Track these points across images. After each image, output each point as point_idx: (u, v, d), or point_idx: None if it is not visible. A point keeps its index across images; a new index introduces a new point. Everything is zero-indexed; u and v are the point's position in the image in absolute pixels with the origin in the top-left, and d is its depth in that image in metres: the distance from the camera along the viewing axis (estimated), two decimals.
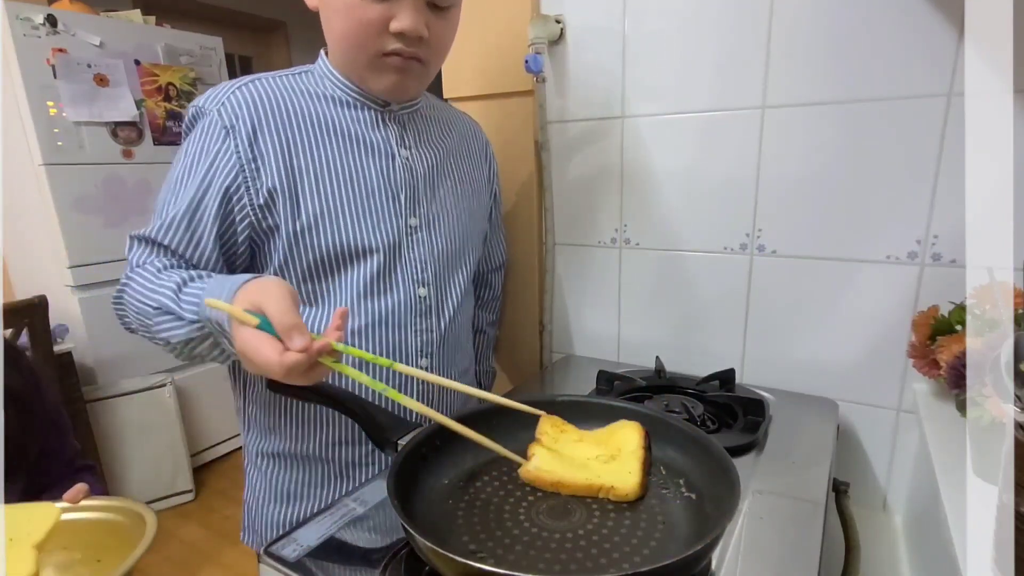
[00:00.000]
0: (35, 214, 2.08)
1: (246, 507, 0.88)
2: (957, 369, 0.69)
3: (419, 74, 0.74)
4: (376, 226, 0.75)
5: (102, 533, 0.61)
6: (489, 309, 1.09)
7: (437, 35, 0.71)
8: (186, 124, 0.74)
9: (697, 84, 0.94)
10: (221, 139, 0.69)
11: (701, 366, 0.99)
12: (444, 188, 0.83)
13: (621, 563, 0.51)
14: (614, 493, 0.60)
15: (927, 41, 0.77)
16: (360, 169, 0.74)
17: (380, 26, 0.67)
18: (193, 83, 2.40)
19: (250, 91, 0.71)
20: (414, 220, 0.78)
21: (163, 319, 0.63)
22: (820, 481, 0.70)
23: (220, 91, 0.71)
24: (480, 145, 0.94)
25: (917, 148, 0.81)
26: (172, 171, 0.72)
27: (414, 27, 0.67)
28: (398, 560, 0.57)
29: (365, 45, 0.69)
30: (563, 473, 0.62)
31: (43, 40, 1.96)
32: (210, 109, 0.70)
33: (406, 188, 0.77)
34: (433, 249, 0.80)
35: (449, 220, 0.83)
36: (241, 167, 0.69)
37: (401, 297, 0.77)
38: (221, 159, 0.69)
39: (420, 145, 0.81)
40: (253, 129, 0.69)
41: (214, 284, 0.61)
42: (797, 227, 0.91)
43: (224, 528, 2.20)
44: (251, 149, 0.69)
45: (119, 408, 2.17)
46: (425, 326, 0.80)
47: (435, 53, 0.74)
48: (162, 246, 0.69)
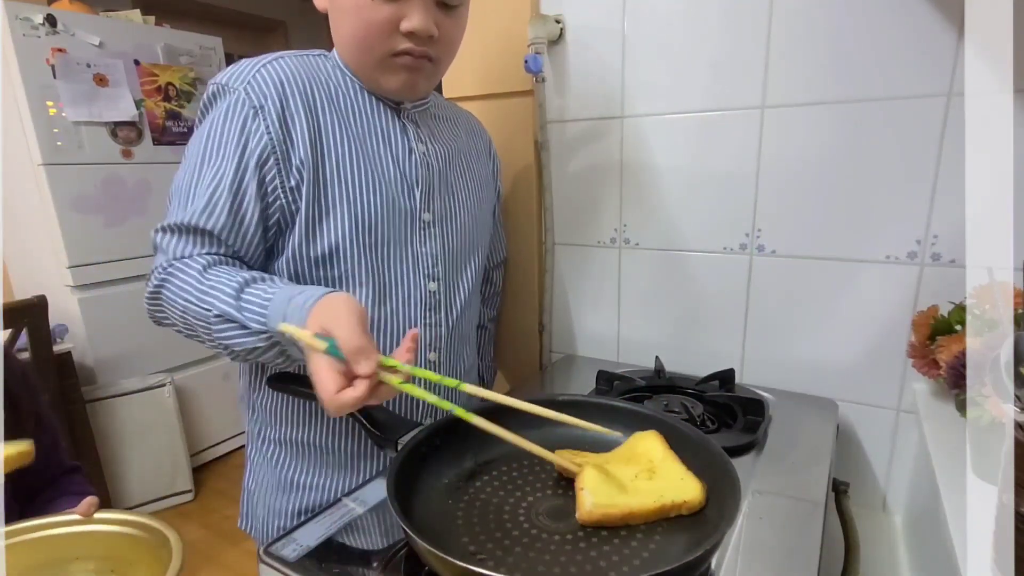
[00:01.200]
0: (34, 214, 2.08)
1: (246, 493, 0.88)
2: (957, 369, 0.69)
3: (430, 73, 0.74)
4: (391, 219, 0.74)
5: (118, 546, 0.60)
6: (490, 305, 1.09)
7: (447, 33, 0.71)
8: (205, 102, 0.70)
9: (696, 84, 0.94)
10: (251, 118, 0.66)
11: (700, 366, 0.99)
12: (456, 185, 0.84)
13: (621, 566, 0.51)
14: (687, 507, 0.57)
15: (926, 41, 0.77)
16: (380, 159, 0.74)
17: (391, 26, 0.67)
18: (193, 83, 2.40)
19: (276, 68, 0.69)
20: (427, 215, 0.78)
21: (225, 327, 0.61)
22: (820, 481, 0.70)
23: (244, 68, 0.69)
24: (484, 142, 0.95)
25: (916, 148, 0.81)
26: (194, 152, 0.68)
27: (424, 26, 0.67)
28: (398, 560, 0.57)
29: (375, 46, 0.68)
30: (629, 502, 0.56)
31: (42, 40, 1.95)
32: (235, 87, 0.67)
33: (422, 183, 0.77)
34: (445, 244, 0.81)
35: (461, 216, 0.83)
36: (273, 147, 0.67)
37: (411, 291, 0.77)
38: (253, 139, 0.66)
39: (434, 142, 0.81)
40: (282, 107, 0.67)
41: (280, 296, 0.59)
42: (797, 227, 0.91)
43: (224, 528, 2.20)
44: (281, 129, 0.67)
45: (118, 408, 2.17)
46: (434, 320, 0.81)
47: (445, 51, 0.74)
48: (204, 232, 0.66)
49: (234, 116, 0.67)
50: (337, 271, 0.73)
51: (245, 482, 0.88)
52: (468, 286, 0.86)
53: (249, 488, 0.88)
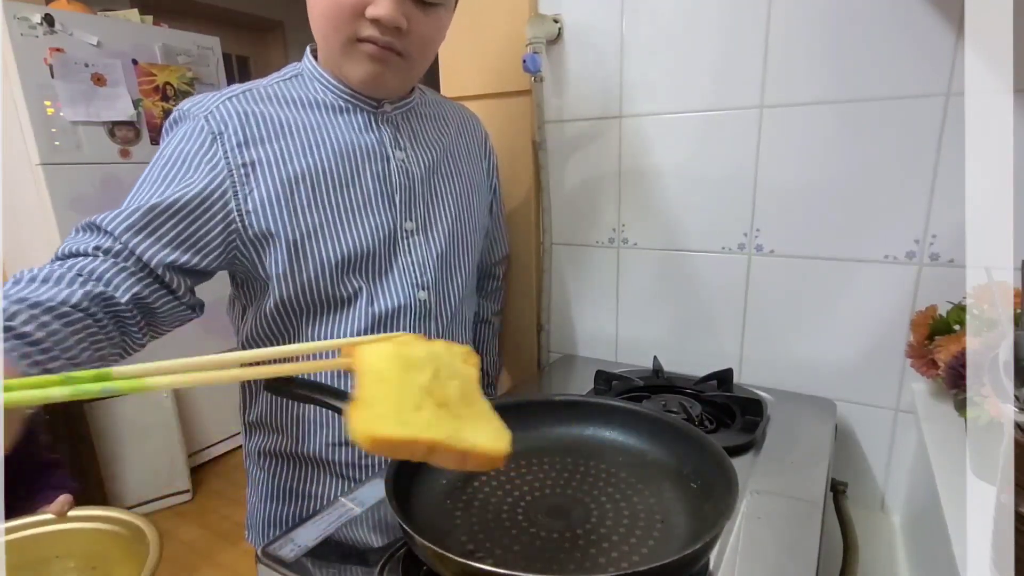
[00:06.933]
0: (33, 214, 2.08)
1: (249, 505, 0.89)
2: (955, 369, 0.69)
3: (399, 68, 0.72)
4: (374, 231, 0.74)
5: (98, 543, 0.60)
6: (494, 299, 1.08)
7: (419, 31, 0.69)
8: (167, 126, 0.71)
9: (695, 83, 0.94)
10: (208, 144, 0.67)
11: (699, 366, 0.99)
12: (442, 188, 0.82)
13: (619, 562, 0.51)
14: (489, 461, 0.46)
15: (925, 40, 0.77)
16: (355, 175, 0.74)
17: (357, 9, 0.65)
18: (191, 83, 2.40)
19: (240, 102, 0.70)
20: (410, 224, 0.78)
21: None
22: (818, 481, 0.69)
23: (208, 99, 0.70)
24: (479, 138, 0.93)
25: (915, 147, 0.81)
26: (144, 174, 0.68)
27: (389, 15, 0.65)
28: (396, 560, 0.57)
29: (340, 27, 0.67)
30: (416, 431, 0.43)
31: (40, 40, 1.95)
32: (196, 114, 0.68)
33: (401, 191, 0.77)
34: (432, 251, 0.80)
35: (447, 221, 0.82)
36: (229, 172, 0.67)
37: (401, 301, 0.77)
38: (206, 164, 0.67)
39: (416, 146, 0.80)
40: (244, 139, 0.68)
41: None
42: (795, 227, 0.91)
43: (222, 528, 2.20)
44: (240, 155, 0.68)
45: (116, 408, 2.17)
46: (424, 329, 0.80)
47: (417, 49, 0.71)
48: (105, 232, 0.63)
49: (189, 141, 0.67)
50: (324, 293, 0.73)
51: (248, 495, 0.89)
52: (459, 291, 0.85)
53: (252, 501, 0.88)
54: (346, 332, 0.75)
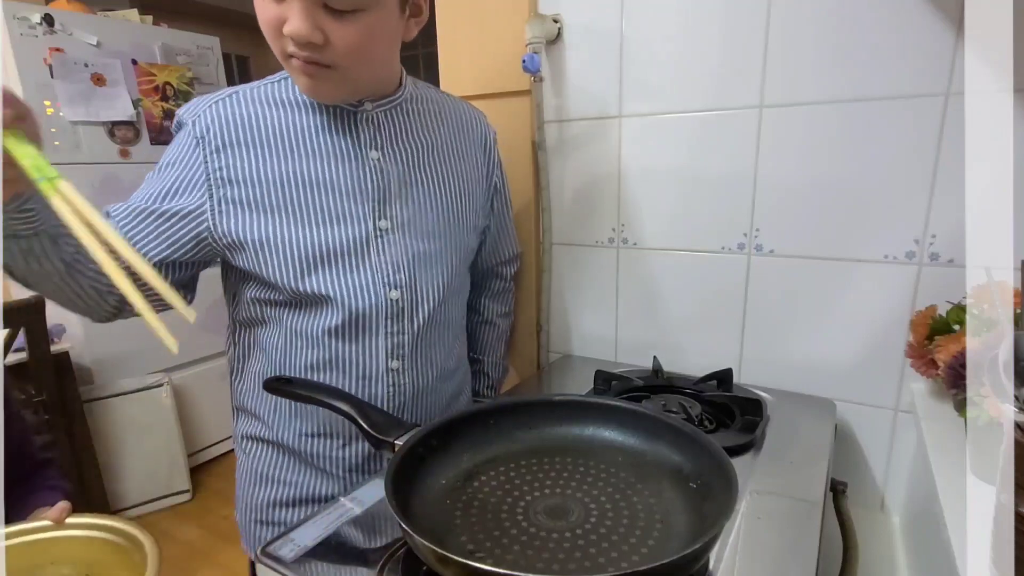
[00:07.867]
0: None
1: (236, 488, 0.90)
2: (955, 369, 0.69)
3: (331, 79, 0.70)
4: (342, 231, 0.75)
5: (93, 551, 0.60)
6: (501, 300, 1.07)
7: (341, 41, 0.66)
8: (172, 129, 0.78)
9: (694, 83, 0.94)
10: (192, 148, 0.72)
11: (699, 366, 0.99)
12: (422, 186, 0.81)
13: (619, 562, 0.51)
14: None
15: (924, 40, 0.77)
16: (328, 175, 0.74)
17: (277, 27, 0.65)
18: (190, 82, 2.40)
19: (225, 107, 0.73)
20: (384, 222, 0.77)
21: None
22: (818, 481, 0.70)
23: (198, 104, 0.74)
24: (479, 135, 0.91)
25: (915, 147, 0.81)
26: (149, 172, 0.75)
27: (298, 31, 0.63)
28: (396, 560, 0.57)
29: (273, 43, 0.68)
30: None
31: (40, 40, 1.95)
32: (186, 120, 0.73)
33: (374, 190, 0.76)
34: (407, 250, 0.79)
35: (426, 219, 0.81)
36: (207, 175, 0.72)
37: (372, 300, 0.76)
38: (188, 169, 0.72)
39: (395, 143, 0.79)
40: (223, 143, 0.72)
41: None
42: (795, 227, 0.91)
43: (221, 528, 2.20)
44: (218, 159, 0.72)
45: (116, 408, 2.17)
46: (396, 328, 0.79)
47: (344, 58, 0.67)
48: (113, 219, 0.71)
49: (179, 146, 0.73)
50: (291, 291, 0.74)
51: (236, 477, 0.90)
52: (438, 291, 0.82)
53: (237, 484, 0.90)
54: (322, 326, 0.76)
